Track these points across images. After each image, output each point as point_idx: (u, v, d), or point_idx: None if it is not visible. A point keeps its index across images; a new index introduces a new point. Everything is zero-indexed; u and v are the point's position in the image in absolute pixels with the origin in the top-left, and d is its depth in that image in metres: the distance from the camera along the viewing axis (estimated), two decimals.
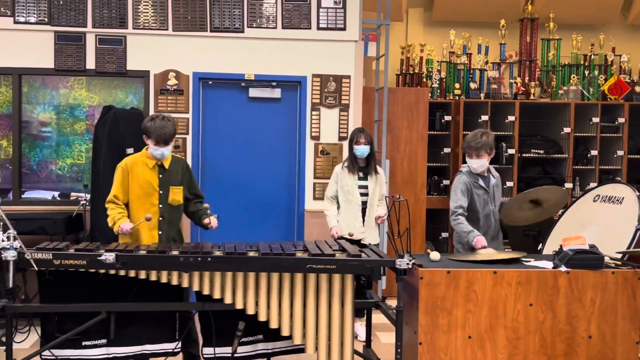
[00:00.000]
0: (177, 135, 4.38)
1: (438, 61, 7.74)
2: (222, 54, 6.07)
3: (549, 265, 3.79)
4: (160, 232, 4.23)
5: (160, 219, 4.25)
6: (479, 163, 4.50)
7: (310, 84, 6.16)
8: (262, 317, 3.66)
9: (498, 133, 7.04)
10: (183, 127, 5.95)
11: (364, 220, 5.27)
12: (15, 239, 3.52)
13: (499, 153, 7.13)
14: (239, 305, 3.65)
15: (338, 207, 5.35)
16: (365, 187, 5.29)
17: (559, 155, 7.38)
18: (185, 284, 3.64)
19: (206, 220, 4.31)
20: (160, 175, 4.25)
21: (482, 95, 7.54)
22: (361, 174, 5.31)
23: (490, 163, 4.64)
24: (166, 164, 4.27)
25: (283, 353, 4.05)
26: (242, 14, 6.05)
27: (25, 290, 5.29)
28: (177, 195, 4.27)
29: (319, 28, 6.13)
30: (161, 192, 4.24)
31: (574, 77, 7.61)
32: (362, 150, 5.24)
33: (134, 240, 4.19)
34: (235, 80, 6.14)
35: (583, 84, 7.62)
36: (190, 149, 6.02)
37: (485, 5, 7.78)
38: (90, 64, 5.96)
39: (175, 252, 3.64)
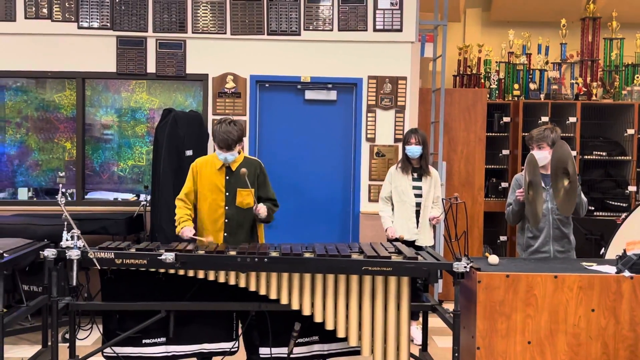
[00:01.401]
0: (242, 142, 4.39)
1: (496, 62, 7.63)
2: (279, 57, 6.12)
3: (611, 270, 3.69)
4: (226, 234, 4.27)
5: (226, 220, 4.28)
6: (541, 155, 4.37)
7: (366, 85, 6.15)
8: (318, 319, 3.66)
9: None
10: None
11: (417, 222, 5.22)
12: (79, 238, 3.61)
13: None
14: (295, 306, 3.66)
15: (392, 209, 5.32)
16: (420, 187, 5.25)
17: (622, 158, 7.17)
18: (242, 284, 3.67)
19: (254, 207, 4.25)
20: (227, 177, 4.29)
21: (542, 96, 7.39)
22: (415, 175, 5.27)
23: None
24: (234, 166, 4.30)
25: (339, 355, 4.04)
26: (299, 16, 6.09)
27: (88, 289, 5.44)
28: (245, 198, 4.26)
29: (375, 30, 6.11)
30: (227, 193, 4.27)
31: (637, 77, 7.38)
32: (413, 150, 5.20)
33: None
34: (292, 82, 6.18)
35: None
36: (247, 151, 6.09)
37: (545, 5, 7.63)
38: (151, 67, 6.10)
39: (232, 253, 3.68)
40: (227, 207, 4.27)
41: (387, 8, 6.09)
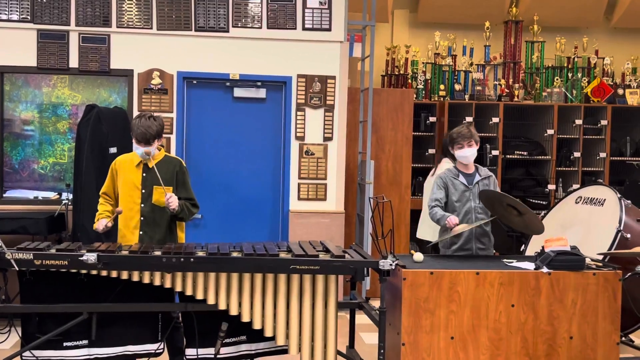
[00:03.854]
0: (162, 138, 4.32)
1: (423, 62, 7.77)
2: (207, 54, 6.05)
3: (531, 266, 3.82)
4: (141, 232, 4.19)
5: (142, 218, 4.20)
6: (472, 151, 4.44)
7: (295, 84, 6.15)
8: (246, 318, 3.64)
9: (482, 134, 7.05)
10: (167, 126, 5.91)
11: None
12: None
13: (483, 154, 7.16)
14: (222, 306, 3.63)
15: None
16: None
17: (543, 157, 7.43)
18: (167, 285, 3.62)
19: (167, 200, 4.10)
20: (144, 174, 4.21)
21: (466, 96, 7.58)
22: None
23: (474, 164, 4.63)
24: (151, 164, 4.23)
25: (266, 354, 4.04)
26: (227, 13, 6.04)
27: (5, 291, 5.23)
28: (162, 195, 4.18)
29: (304, 28, 6.12)
30: (143, 191, 4.20)
31: (557, 79, 7.66)
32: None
33: (119, 239, 4.17)
34: (220, 80, 6.12)
35: (566, 86, 7.67)
36: (175, 149, 6.00)
37: (470, 8, 7.81)
38: (74, 62, 5.91)
39: (157, 253, 3.62)
40: (142, 205, 4.20)
41: (316, 7, 6.11)
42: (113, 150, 5.49)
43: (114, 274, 3.57)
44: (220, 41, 6.06)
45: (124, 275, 3.59)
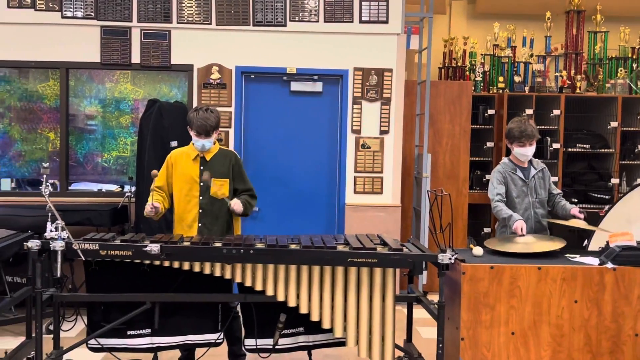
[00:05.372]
0: (219, 129, 4.38)
1: (481, 54, 7.65)
2: (265, 48, 6.10)
3: (595, 261, 3.73)
4: (200, 225, 4.25)
5: (201, 211, 4.25)
6: (532, 150, 4.40)
7: (351, 77, 6.15)
8: (304, 310, 3.67)
9: (543, 127, 6.94)
10: (226, 120, 6.01)
11: None
12: (63, 229, 3.59)
13: (544, 147, 7.02)
14: (280, 298, 3.67)
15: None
16: None
17: (606, 150, 7.23)
18: (227, 276, 3.67)
19: (231, 207, 4.20)
20: (202, 167, 4.27)
21: (526, 88, 7.43)
22: None
23: (534, 157, 4.56)
24: (208, 156, 4.29)
25: (324, 346, 4.06)
26: (285, 7, 6.07)
27: (72, 280, 5.42)
28: (220, 188, 4.23)
29: (361, 21, 6.11)
30: (201, 184, 4.25)
31: (621, 70, 7.44)
32: None
33: (178, 231, 4.25)
34: (277, 74, 6.16)
35: (631, 77, 7.44)
36: (233, 143, 6.08)
37: None
38: (136, 58, 6.05)
39: (218, 244, 3.68)
40: (201, 198, 4.25)
41: (373, 0, 6.09)
42: (174, 143, 5.59)
43: (176, 264, 3.64)
44: (277, 35, 6.10)
45: (186, 266, 3.65)
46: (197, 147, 4.25)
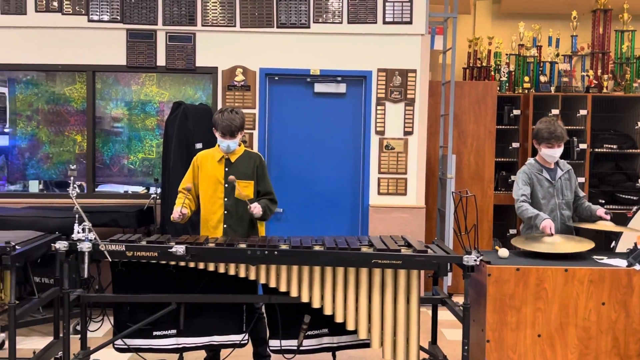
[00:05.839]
0: (244, 130, 4.39)
1: (506, 54, 7.60)
2: (288, 50, 6.12)
3: (622, 263, 3.68)
4: (225, 226, 4.27)
5: (226, 212, 4.26)
6: (560, 151, 4.36)
7: (375, 78, 6.14)
8: (328, 311, 3.67)
9: (569, 127, 6.85)
10: (250, 122, 6.03)
11: None
12: (90, 230, 3.63)
13: (570, 148, 6.94)
14: (304, 299, 3.67)
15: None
16: None
17: (633, 151, 7.13)
18: (252, 277, 3.69)
19: (250, 210, 4.18)
20: (227, 169, 4.29)
21: (552, 88, 7.36)
22: None
23: (561, 158, 4.51)
24: (233, 158, 4.31)
25: (348, 347, 4.06)
26: (308, 9, 6.08)
27: (99, 281, 5.48)
28: (244, 189, 4.24)
29: (384, 22, 6.10)
30: (226, 185, 4.27)
31: None
32: None
33: (203, 232, 4.27)
34: (301, 75, 6.18)
35: None
36: (257, 144, 6.10)
37: None
38: (161, 60, 6.10)
39: (242, 245, 3.70)
40: (226, 199, 4.27)
41: (396, 0, 6.07)
42: (199, 145, 5.63)
43: (201, 265, 3.67)
44: (301, 37, 6.12)
45: (211, 267, 3.68)
46: (222, 148, 4.27)
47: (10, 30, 6.07)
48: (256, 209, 4.17)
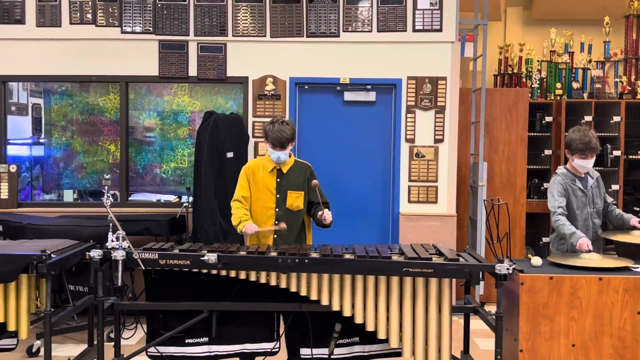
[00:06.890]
0: (294, 141, 4.38)
1: (538, 60, 7.53)
2: (318, 59, 6.15)
3: None
4: (275, 236, 4.27)
5: (277, 222, 4.24)
6: (592, 162, 4.32)
7: (405, 86, 6.14)
8: (359, 320, 3.66)
9: (602, 134, 6.78)
10: None
11: None
12: (124, 239, 3.68)
13: (604, 155, 6.85)
14: (335, 307, 3.67)
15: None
16: None
17: None
18: (283, 285, 3.70)
19: (319, 214, 4.20)
20: (278, 179, 4.28)
21: (585, 95, 7.27)
22: None
23: (595, 165, 4.46)
24: (285, 168, 4.29)
25: (379, 356, 4.04)
26: (338, 18, 6.11)
27: (132, 289, 5.54)
28: (296, 200, 4.24)
29: (414, 30, 6.09)
30: (278, 195, 4.26)
31: None
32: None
33: (252, 242, 4.27)
34: (331, 84, 6.20)
35: None
36: None
37: (587, 3, 7.51)
38: (193, 71, 6.18)
39: (273, 254, 3.71)
40: (277, 209, 4.27)
41: (426, 8, 6.07)
42: (230, 154, 5.68)
43: (232, 273, 3.69)
44: (331, 46, 6.14)
45: (242, 275, 3.70)
46: (272, 159, 4.26)
47: (46, 42, 6.20)
48: (326, 215, 4.18)
